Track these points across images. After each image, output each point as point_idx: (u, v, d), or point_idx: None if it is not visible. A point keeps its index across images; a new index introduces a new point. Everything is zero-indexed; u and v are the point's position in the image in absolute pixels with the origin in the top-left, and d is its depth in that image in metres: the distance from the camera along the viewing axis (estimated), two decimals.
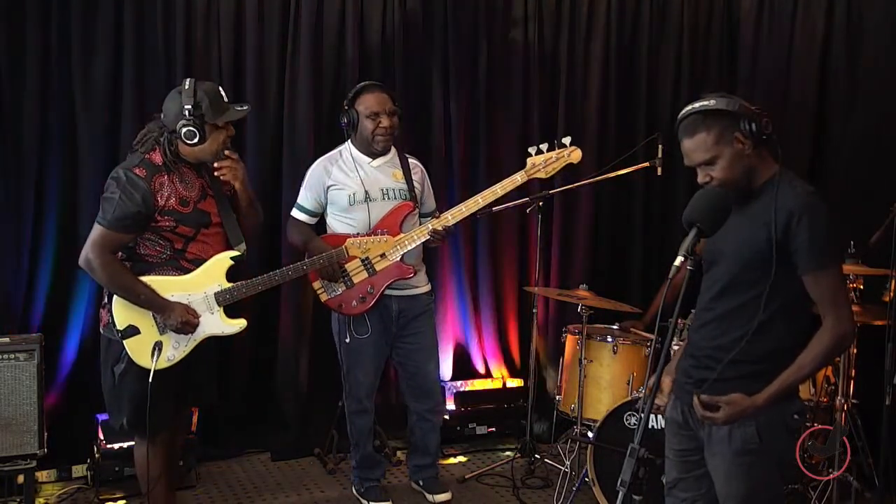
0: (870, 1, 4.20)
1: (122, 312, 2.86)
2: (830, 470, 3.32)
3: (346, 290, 3.45)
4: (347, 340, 3.51)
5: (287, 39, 4.22)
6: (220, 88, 2.92)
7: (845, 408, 3.34)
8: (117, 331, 2.85)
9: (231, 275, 2.98)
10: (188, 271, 2.90)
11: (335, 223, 3.56)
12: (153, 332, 2.88)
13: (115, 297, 2.86)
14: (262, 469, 4.14)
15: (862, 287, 3.33)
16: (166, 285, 2.86)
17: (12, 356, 3.38)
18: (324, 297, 3.48)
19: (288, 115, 4.25)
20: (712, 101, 2.14)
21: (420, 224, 3.51)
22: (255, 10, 4.18)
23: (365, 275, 3.44)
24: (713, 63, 4.89)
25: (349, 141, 3.59)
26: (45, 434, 3.45)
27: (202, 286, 2.91)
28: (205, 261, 2.92)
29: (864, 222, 3.59)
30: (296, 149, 4.26)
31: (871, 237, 3.44)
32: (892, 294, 3.20)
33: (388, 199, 3.51)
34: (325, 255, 3.18)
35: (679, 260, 1.89)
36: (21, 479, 3.42)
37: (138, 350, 2.85)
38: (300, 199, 3.58)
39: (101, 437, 3.66)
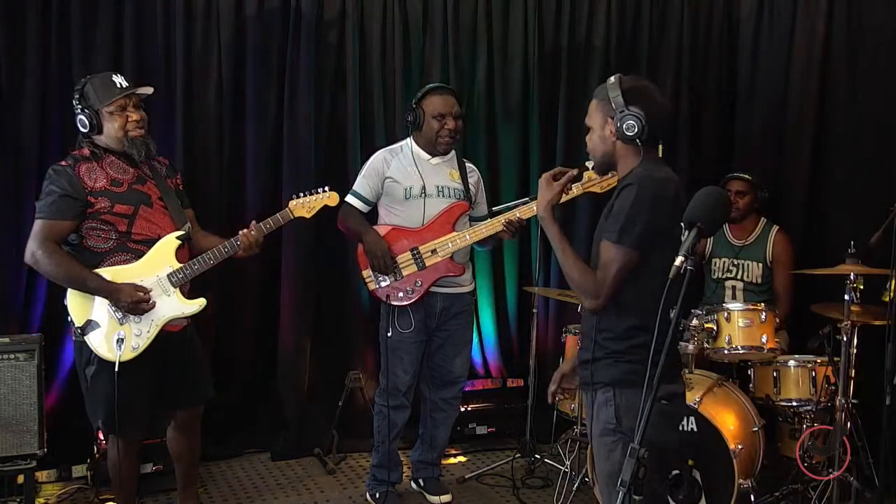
0: (870, 1, 4.20)
1: (77, 308, 2.90)
2: (830, 470, 3.32)
3: (394, 281, 3.48)
4: (389, 335, 3.53)
5: (287, 39, 4.22)
6: (117, 76, 2.96)
7: (845, 408, 3.33)
8: (77, 328, 2.88)
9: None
10: (140, 253, 2.93)
11: (387, 215, 3.58)
12: (113, 324, 2.90)
13: (68, 294, 2.91)
14: (262, 469, 4.14)
15: (862, 287, 3.33)
16: (117, 275, 2.89)
17: (12, 356, 3.38)
18: (371, 287, 3.52)
19: (288, 116, 4.25)
20: (612, 81, 2.27)
21: (470, 227, 3.54)
22: (255, 10, 4.18)
23: (414, 268, 3.47)
24: (713, 63, 4.89)
25: (411, 137, 3.63)
26: (45, 434, 3.46)
27: (153, 270, 2.94)
28: (153, 239, 2.95)
29: (864, 222, 3.59)
30: (296, 149, 4.26)
31: (871, 237, 3.44)
32: (891, 294, 3.20)
33: (444, 196, 3.56)
34: (271, 217, 3.14)
35: (679, 260, 1.89)
36: (21, 479, 3.42)
37: (101, 344, 2.88)
38: (357, 187, 3.59)
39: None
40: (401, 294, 3.48)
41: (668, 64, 4.83)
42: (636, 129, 2.22)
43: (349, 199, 3.58)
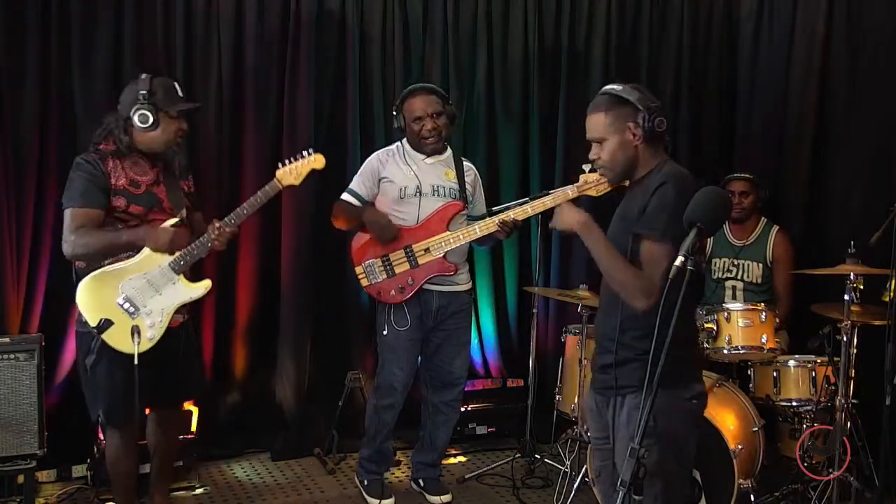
0: (870, 1, 4.20)
1: (90, 308, 2.92)
2: (830, 470, 3.32)
3: (386, 278, 3.51)
4: (385, 332, 3.56)
5: (287, 39, 4.22)
6: (176, 84, 3.05)
7: (845, 408, 3.33)
8: (92, 328, 2.91)
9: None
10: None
11: None
12: (126, 318, 2.92)
13: (78, 296, 2.93)
14: (262, 469, 4.14)
15: (862, 287, 3.33)
16: (123, 272, 2.94)
17: (12, 356, 3.39)
18: (364, 283, 3.55)
19: (288, 115, 4.24)
20: (619, 88, 2.28)
21: (468, 226, 3.55)
22: (255, 10, 4.18)
23: (407, 266, 3.49)
24: (713, 63, 4.89)
25: (405, 138, 3.65)
26: (45, 434, 3.46)
27: (155, 262, 2.98)
28: None
29: (864, 222, 3.59)
30: (296, 149, 4.24)
31: (871, 237, 3.44)
32: (891, 294, 3.20)
33: (439, 195, 3.57)
34: (260, 191, 3.09)
35: (679, 260, 1.89)
36: (21, 479, 3.42)
37: (118, 339, 2.90)
38: (353, 185, 3.63)
39: (101, 437, 3.65)
40: (392, 291, 3.50)
41: (668, 64, 4.83)
42: (665, 125, 2.24)
43: (344, 196, 3.62)
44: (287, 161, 3.13)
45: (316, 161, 3.15)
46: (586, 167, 3.44)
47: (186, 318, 3.17)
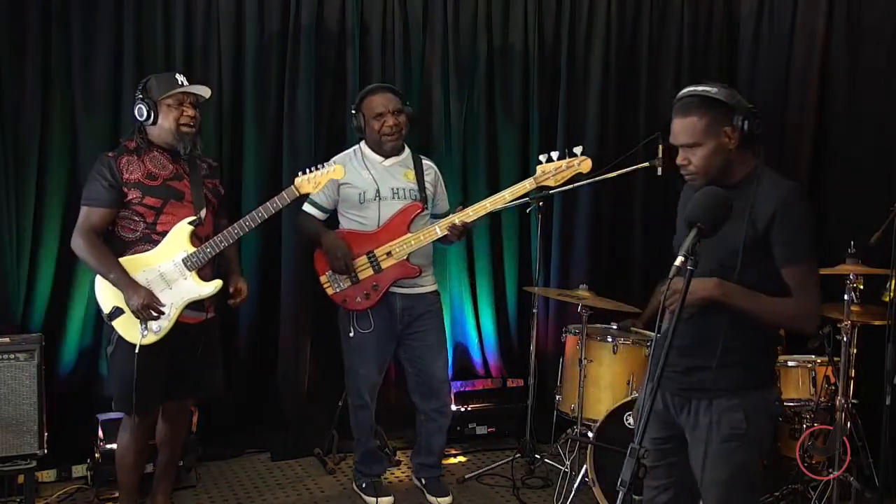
0: (870, 1, 4.20)
1: (104, 296, 3.04)
2: (830, 470, 3.32)
3: (351, 285, 3.50)
4: (351, 335, 3.56)
5: (287, 39, 4.22)
6: (179, 75, 3.11)
7: (845, 408, 3.33)
8: (105, 314, 3.03)
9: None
10: (159, 244, 3.06)
11: (345, 221, 3.62)
12: None
13: (96, 283, 3.05)
14: (262, 469, 4.14)
15: (862, 287, 3.33)
16: (137, 262, 3.03)
17: (12, 356, 3.39)
18: (330, 291, 3.55)
19: (288, 115, 4.24)
20: (714, 90, 2.18)
21: (430, 226, 3.54)
22: (255, 10, 4.18)
23: (370, 272, 3.49)
24: (713, 63, 4.89)
25: (363, 141, 3.63)
26: (45, 434, 3.47)
27: (170, 256, 3.06)
28: None
29: (864, 222, 3.59)
30: (296, 149, 4.26)
31: (871, 237, 3.44)
32: (891, 294, 3.20)
33: (399, 198, 3.56)
34: (277, 196, 3.14)
35: (679, 260, 1.89)
36: (21, 479, 3.42)
37: (127, 328, 3.02)
38: (312, 195, 3.58)
39: (101, 437, 3.65)
40: (358, 298, 3.50)
41: (668, 64, 4.83)
42: (761, 128, 2.19)
43: (306, 206, 3.62)
44: (308, 170, 3.19)
45: (335, 172, 3.20)
46: (543, 157, 3.47)
47: (211, 317, 3.22)
